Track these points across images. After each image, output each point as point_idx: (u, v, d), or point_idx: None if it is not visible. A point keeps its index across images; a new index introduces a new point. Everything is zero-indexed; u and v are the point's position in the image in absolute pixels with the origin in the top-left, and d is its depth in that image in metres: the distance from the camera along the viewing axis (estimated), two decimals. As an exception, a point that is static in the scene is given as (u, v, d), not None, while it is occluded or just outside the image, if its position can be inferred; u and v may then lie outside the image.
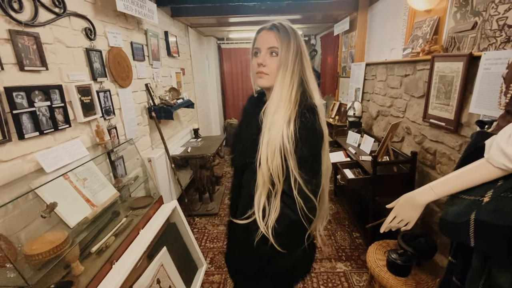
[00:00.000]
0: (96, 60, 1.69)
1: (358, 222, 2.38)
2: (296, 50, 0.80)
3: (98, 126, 1.65)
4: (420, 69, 1.86)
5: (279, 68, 0.79)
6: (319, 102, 0.82)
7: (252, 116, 0.86)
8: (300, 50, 0.81)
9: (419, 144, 1.88)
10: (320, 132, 0.79)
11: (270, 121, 0.77)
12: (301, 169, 0.74)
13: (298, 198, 0.74)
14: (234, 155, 0.95)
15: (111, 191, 1.51)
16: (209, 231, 2.49)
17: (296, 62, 0.80)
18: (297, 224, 0.76)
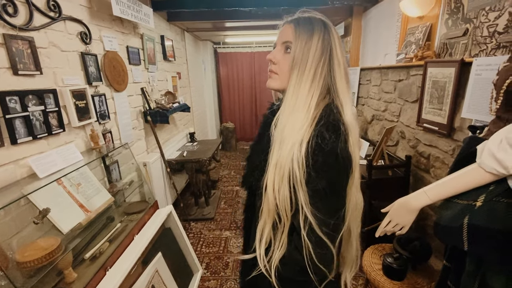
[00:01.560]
0: (91, 64, 1.68)
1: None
2: (322, 49, 0.62)
3: (93, 131, 1.63)
4: (413, 74, 1.89)
5: (292, 68, 0.63)
6: (350, 119, 0.61)
7: (265, 129, 0.69)
8: (329, 49, 0.63)
9: (413, 148, 1.90)
10: (346, 159, 0.59)
11: (280, 136, 0.61)
12: (314, 205, 0.57)
13: (307, 240, 0.58)
14: (244, 174, 0.78)
15: (106, 196, 1.50)
16: (205, 236, 2.47)
17: (320, 64, 0.62)
18: (307, 272, 0.59)
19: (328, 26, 0.65)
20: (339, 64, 0.64)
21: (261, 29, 3.83)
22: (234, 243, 2.36)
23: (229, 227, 2.60)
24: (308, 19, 0.66)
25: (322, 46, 0.63)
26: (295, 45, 0.64)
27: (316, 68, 0.62)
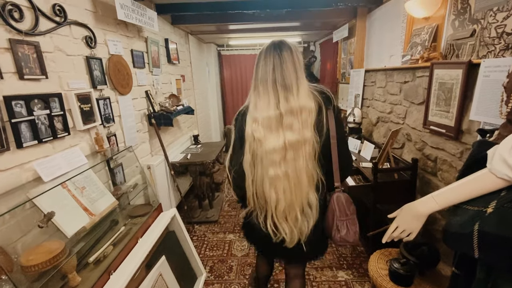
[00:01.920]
0: (96, 68, 1.70)
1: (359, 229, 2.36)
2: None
3: (98, 134, 1.64)
4: (419, 76, 1.87)
5: None
6: (252, 113, 1.01)
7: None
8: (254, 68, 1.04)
9: (419, 150, 1.87)
10: (238, 129, 1.08)
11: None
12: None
13: (231, 172, 1.12)
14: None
15: (110, 200, 1.50)
16: (208, 239, 2.46)
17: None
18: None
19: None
20: (255, 78, 1.02)
21: (264, 31, 3.83)
22: (238, 246, 2.35)
23: (233, 230, 2.59)
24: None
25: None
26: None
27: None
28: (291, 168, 0.97)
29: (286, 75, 0.95)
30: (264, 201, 1.03)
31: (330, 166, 1.04)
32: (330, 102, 1.01)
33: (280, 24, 3.54)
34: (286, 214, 1.02)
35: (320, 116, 0.99)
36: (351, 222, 1.06)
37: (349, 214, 1.06)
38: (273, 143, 0.96)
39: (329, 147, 1.02)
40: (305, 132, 0.95)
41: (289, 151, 0.96)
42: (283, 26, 3.69)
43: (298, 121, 0.95)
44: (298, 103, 0.95)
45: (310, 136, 0.96)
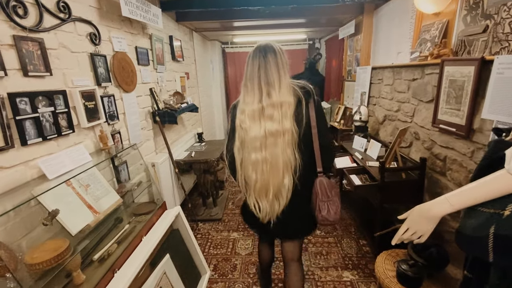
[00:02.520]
0: (101, 65, 1.69)
1: (365, 229, 2.33)
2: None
3: (102, 131, 1.64)
4: (428, 73, 1.82)
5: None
6: (241, 106, 1.17)
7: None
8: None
9: (428, 149, 1.83)
10: (232, 116, 1.22)
11: None
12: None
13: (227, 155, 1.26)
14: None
15: (114, 198, 1.50)
16: (212, 237, 2.45)
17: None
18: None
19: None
20: (245, 77, 1.18)
21: (269, 28, 3.79)
22: (242, 244, 2.33)
23: (237, 228, 2.58)
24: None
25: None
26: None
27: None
28: (269, 154, 1.12)
29: (269, 74, 1.11)
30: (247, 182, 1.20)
31: (313, 153, 1.18)
32: (310, 95, 1.15)
33: (285, 21, 3.50)
34: (263, 193, 1.17)
35: (299, 108, 1.13)
36: (332, 203, 1.18)
37: (330, 196, 1.18)
38: (255, 131, 1.12)
39: (310, 136, 1.15)
40: (285, 122, 1.10)
41: (269, 138, 1.11)
42: (288, 23, 3.65)
43: (278, 113, 1.10)
44: (279, 97, 1.10)
45: (289, 126, 1.10)
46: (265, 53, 1.13)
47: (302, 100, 1.13)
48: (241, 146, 1.17)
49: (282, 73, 1.12)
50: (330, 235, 2.41)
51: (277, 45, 1.18)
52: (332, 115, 4.11)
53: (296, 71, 5.10)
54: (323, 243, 2.30)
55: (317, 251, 2.20)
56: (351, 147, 2.59)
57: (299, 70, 5.09)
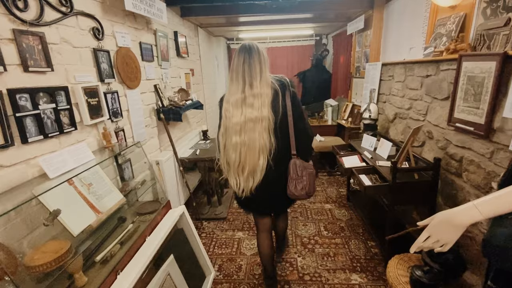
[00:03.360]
0: (104, 61, 1.64)
1: (373, 230, 2.27)
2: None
3: (105, 129, 1.60)
4: (444, 69, 1.74)
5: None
6: (227, 97, 1.37)
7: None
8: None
9: (442, 149, 1.76)
10: (220, 104, 1.41)
11: None
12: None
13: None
14: None
15: (117, 197, 1.46)
16: (217, 236, 2.42)
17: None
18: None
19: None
20: (231, 70, 1.35)
21: (275, 24, 3.71)
22: (247, 244, 2.29)
23: (242, 227, 2.54)
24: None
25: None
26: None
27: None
28: (248, 137, 1.30)
29: (252, 68, 1.29)
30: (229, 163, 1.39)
31: (289, 138, 1.38)
32: (286, 88, 1.34)
33: (292, 16, 3.42)
34: (240, 171, 1.37)
35: (276, 99, 1.31)
36: (299, 181, 1.40)
37: (299, 175, 1.40)
38: (236, 118, 1.31)
39: (287, 123, 1.35)
40: (263, 110, 1.28)
41: (248, 124, 1.29)
42: (294, 18, 3.57)
43: (258, 102, 1.28)
44: (259, 89, 1.29)
45: (267, 114, 1.29)
46: (250, 50, 1.30)
47: (279, 92, 1.32)
48: (225, 132, 1.37)
49: (264, 68, 1.32)
50: (338, 235, 2.35)
51: (259, 45, 1.36)
52: (339, 112, 4.03)
53: (303, 68, 5.02)
54: (330, 244, 2.25)
55: (324, 253, 2.15)
56: (359, 145, 2.51)
57: (306, 67, 5.00)
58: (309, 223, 2.56)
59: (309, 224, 2.55)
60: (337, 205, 2.88)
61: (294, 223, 2.56)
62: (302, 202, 2.93)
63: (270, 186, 1.42)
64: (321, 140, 3.59)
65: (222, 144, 1.40)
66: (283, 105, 1.32)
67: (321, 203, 2.92)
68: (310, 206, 2.86)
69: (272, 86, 1.32)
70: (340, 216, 2.65)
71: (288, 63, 5.14)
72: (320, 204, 2.91)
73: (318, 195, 3.09)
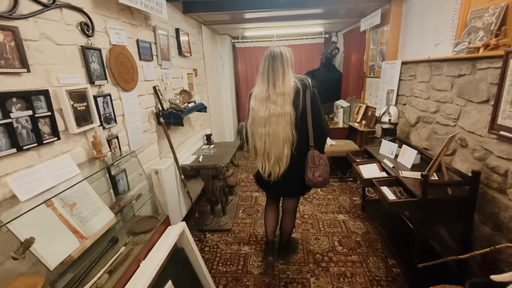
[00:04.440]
0: (94, 60, 1.46)
1: (393, 245, 2.04)
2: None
3: (95, 137, 1.41)
4: (482, 68, 1.51)
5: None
6: (254, 92, 1.61)
7: None
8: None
9: (479, 160, 1.53)
10: (249, 102, 1.64)
11: None
12: None
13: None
14: None
15: (107, 217, 1.27)
16: (221, 251, 2.22)
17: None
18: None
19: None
20: (259, 73, 1.60)
21: (283, 20, 3.49)
22: (254, 261, 2.09)
23: (248, 241, 2.34)
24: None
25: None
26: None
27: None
28: (272, 130, 1.54)
29: (275, 71, 1.50)
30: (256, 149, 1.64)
31: (307, 131, 1.57)
32: (307, 87, 1.52)
33: (301, 11, 3.20)
34: (267, 158, 1.61)
35: (297, 96, 1.50)
36: (317, 169, 1.59)
37: (316, 164, 1.59)
38: (262, 112, 1.54)
39: (306, 118, 1.54)
40: (285, 107, 1.49)
41: (272, 118, 1.52)
42: (304, 14, 3.35)
43: (280, 100, 1.50)
44: (281, 88, 1.50)
45: (289, 110, 1.49)
46: (274, 56, 1.51)
47: (300, 90, 1.51)
48: (252, 123, 1.61)
49: (286, 70, 1.51)
50: (354, 252, 2.13)
51: (284, 49, 1.53)
52: (351, 114, 3.80)
53: (311, 67, 4.79)
54: (346, 261, 2.03)
55: (340, 272, 1.93)
56: (377, 152, 2.29)
57: (314, 66, 4.77)
58: (321, 236, 2.35)
59: (321, 237, 2.33)
60: (351, 215, 2.66)
61: (305, 237, 2.34)
62: (313, 212, 2.72)
63: (292, 172, 1.62)
64: (332, 144, 3.37)
65: (250, 132, 1.64)
66: (303, 102, 1.51)
67: (333, 213, 2.70)
68: (322, 217, 2.64)
69: (295, 85, 1.51)
70: (355, 229, 2.43)
71: (296, 62, 4.85)
72: (333, 214, 2.69)
73: (330, 204, 2.88)
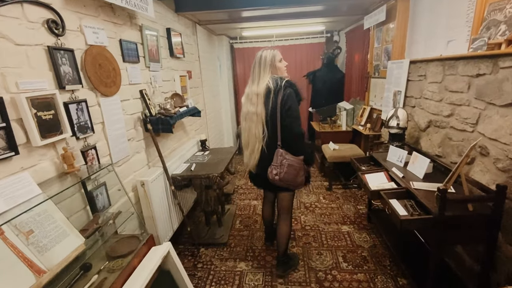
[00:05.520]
0: (65, 62, 1.30)
1: (402, 262, 1.85)
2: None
3: (66, 149, 1.25)
4: (506, 67, 1.32)
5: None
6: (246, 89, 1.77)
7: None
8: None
9: (504, 172, 1.34)
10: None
11: None
12: None
13: None
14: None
15: (75, 242, 1.10)
16: (215, 268, 2.04)
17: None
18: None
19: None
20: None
21: (283, 19, 3.32)
22: (251, 280, 1.91)
23: (245, 256, 2.16)
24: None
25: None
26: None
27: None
28: (248, 125, 1.72)
29: (255, 73, 1.69)
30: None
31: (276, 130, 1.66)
32: (279, 87, 1.60)
33: (301, 9, 3.02)
34: (246, 148, 1.79)
35: (268, 97, 1.61)
36: (276, 168, 1.65)
37: (277, 164, 1.65)
38: (245, 108, 1.73)
39: (275, 117, 1.62)
40: (259, 106, 1.63)
41: (249, 114, 1.69)
42: (303, 12, 3.17)
43: (255, 99, 1.64)
44: (257, 89, 1.64)
45: (260, 109, 1.63)
46: (257, 58, 1.69)
47: (271, 91, 1.60)
48: (241, 116, 1.79)
49: (262, 72, 1.66)
50: (360, 269, 1.94)
51: (267, 52, 1.68)
52: (354, 117, 3.61)
53: (312, 67, 4.61)
54: (352, 281, 1.84)
55: (345, 294, 1.75)
56: (384, 158, 2.10)
57: (316, 66, 4.60)
58: (324, 251, 2.16)
59: (324, 252, 2.15)
60: (356, 227, 2.47)
61: (306, 251, 2.16)
62: (315, 223, 2.54)
63: (266, 167, 1.70)
64: (335, 149, 3.18)
65: (241, 125, 1.81)
66: (274, 102, 1.61)
67: (337, 224, 2.51)
68: (325, 228, 2.45)
69: (267, 86, 1.62)
70: (361, 242, 2.24)
71: (296, 63, 4.74)
72: (336, 225, 2.50)
73: (334, 214, 2.69)
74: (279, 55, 1.69)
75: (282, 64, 1.71)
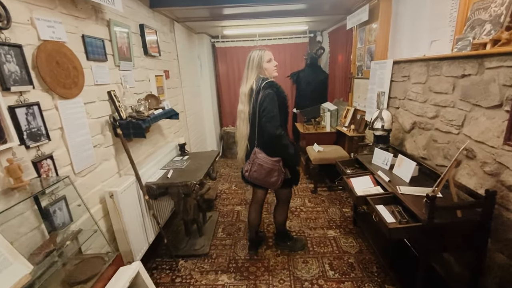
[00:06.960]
0: (10, 60, 1.12)
1: (390, 268, 1.79)
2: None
3: (11, 161, 1.07)
4: (492, 67, 1.28)
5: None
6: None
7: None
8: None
9: (491, 175, 1.30)
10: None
11: None
12: None
13: None
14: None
15: (18, 272, 0.93)
16: (195, 283, 1.90)
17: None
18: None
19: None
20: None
21: (265, 17, 3.22)
22: (233, 294, 1.79)
23: (227, 268, 2.03)
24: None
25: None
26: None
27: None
28: (238, 124, 1.85)
29: (245, 73, 1.79)
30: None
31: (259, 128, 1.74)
32: (261, 87, 1.68)
33: (283, 7, 2.93)
34: (238, 147, 1.92)
35: (251, 96, 1.74)
36: (247, 164, 1.81)
37: (251, 161, 1.78)
38: (238, 107, 1.83)
39: (255, 117, 1.72)
40: (245, 105, 1.78)
41: (239, 113, 1.82)
42: (286, 10, 3.08)
43: (243, 98, 1.78)
44: (244, 88, 1.77)
45: (247, 108, 1.78)
46: (247, 58, 1.78)
47: (254, 91, 1.70)
48: (237, 115, 1.86)
49: (250, 73, 1.76)
50: (347, 277, 1.87)
51: (255, 52, 1.74)
52: (339, 117, 3.57)
53: (296, 68, 4.55)
54: (339, 290, 1.76)
55: (332, 305, 1.66)
56: (369, 161, 2.05)
57: (299, 67, 4.54)
58: (310, 259, 2.07)
59: (310, 260, 2.06)
60: (342, 231, 2.40)
61: (292, 261, 2.06)
62: (301, 229, 2.45)
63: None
64: (320, 150, 3.12)
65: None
66: (254, 102, 1.70)
67: (323, 229, 2.44)
68: (310, 234, 2.37)
69: (251, 86, 1.72)
70: (348, 248, 2.17)
71: (280, 63, 4.60)
72: (322, 230, 2.43)
73: (319, 218, 2.61)
74: (267, 55, 1.73)
75: (271, 65, 1.75)
